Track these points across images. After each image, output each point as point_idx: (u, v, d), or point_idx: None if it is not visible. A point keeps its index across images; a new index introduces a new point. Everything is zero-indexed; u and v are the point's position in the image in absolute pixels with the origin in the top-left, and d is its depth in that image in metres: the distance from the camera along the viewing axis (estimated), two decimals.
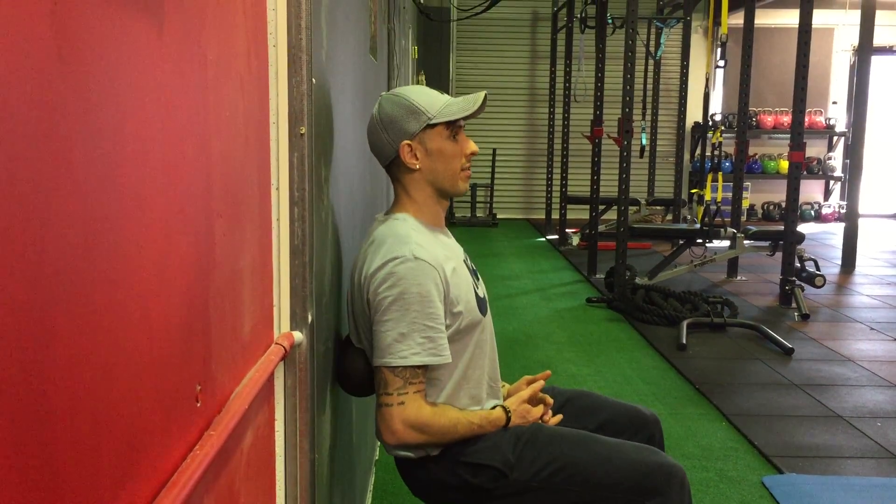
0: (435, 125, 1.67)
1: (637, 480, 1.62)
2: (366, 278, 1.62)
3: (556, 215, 9.07)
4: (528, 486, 1.62)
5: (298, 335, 1.29)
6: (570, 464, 1.62)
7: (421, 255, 1.60)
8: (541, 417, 1.74)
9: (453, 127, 1.69)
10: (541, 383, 1.79)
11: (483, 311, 1.73)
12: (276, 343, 1.22)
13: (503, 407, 1.71)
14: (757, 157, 10.53)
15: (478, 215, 10.09)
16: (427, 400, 1.62)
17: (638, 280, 5.63)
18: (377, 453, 2.91)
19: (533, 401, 1.76)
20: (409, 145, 1.68)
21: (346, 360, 1.75)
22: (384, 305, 1.58)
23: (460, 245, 1.84)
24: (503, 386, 1.88)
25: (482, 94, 1.70)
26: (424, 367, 1.60)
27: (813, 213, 10.62)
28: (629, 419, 1.84)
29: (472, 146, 1.74)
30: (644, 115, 8.89)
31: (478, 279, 1.80)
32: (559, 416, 1.78)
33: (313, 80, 1.31)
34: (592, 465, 1.63)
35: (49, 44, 0.57)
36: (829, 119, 10.68)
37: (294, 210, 1.27)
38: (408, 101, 1.68)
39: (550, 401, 1.80)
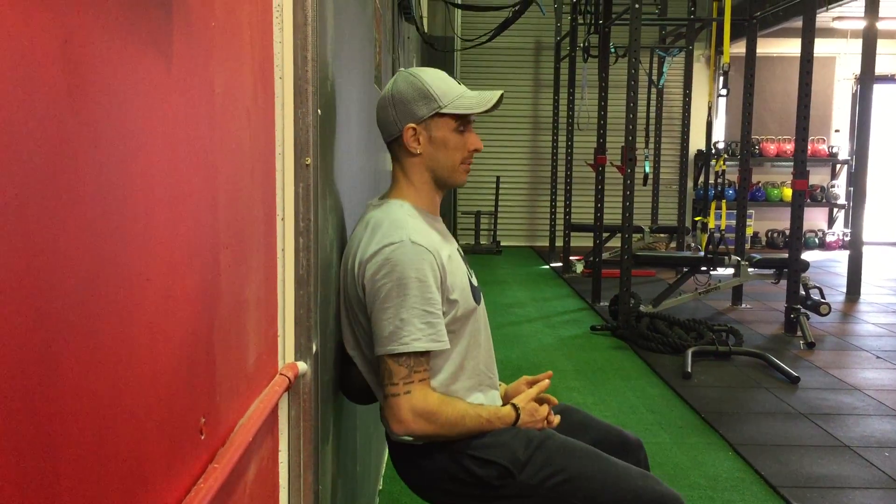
0: (444, 115, 1.66)
1: None
2: (360, 264, 1.59)
3: (559, 243, 9.07)
4: (534, 490, 1.60)
5: (303, 365, 1.28)
6: (578, 477, 1.60)
7: (418, 239, 1.58)
8: (546, 417, 1.72)
9: (462, 120, 1.68)
10: (546, 383, 1.77)
11: (477, 300, 1.72)
12: (281, 374, 1.22)
13: (513, 404, 1.69)
14: (760, 184, 10.55)
15: (481, 243, 10.10)
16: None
17: (642, 308, 5.62)
18: (380, 483, 2.89)
19: (538, 401, 1.74)
20: (414, 129, 1.67)
21: (347, 373, 1.73)
22: (383, 293, 1.55)
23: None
24: (500, 385, 1.85)
25: (498, 93, 1.68)
26: (427, 355, 1.58)
27: (817, 240, 10.61)
28: (617, 441, 1.82)
29: (477, 142, 1.71)
30: (647, 142, 8.93)
31: (470, 270, 1.78)
32: (559, 417, 1.76)
33: (319, 111, 1.32)
34: (600, 483, 1.61)
35: (58, 77, 0.58)
36: (832, 147, 10.71)
37: (299, 240, 1.27)
38: (423, 85, 1.66)
39: (555, 401, 1.79)
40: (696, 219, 7.77)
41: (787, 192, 10.12)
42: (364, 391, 1.73)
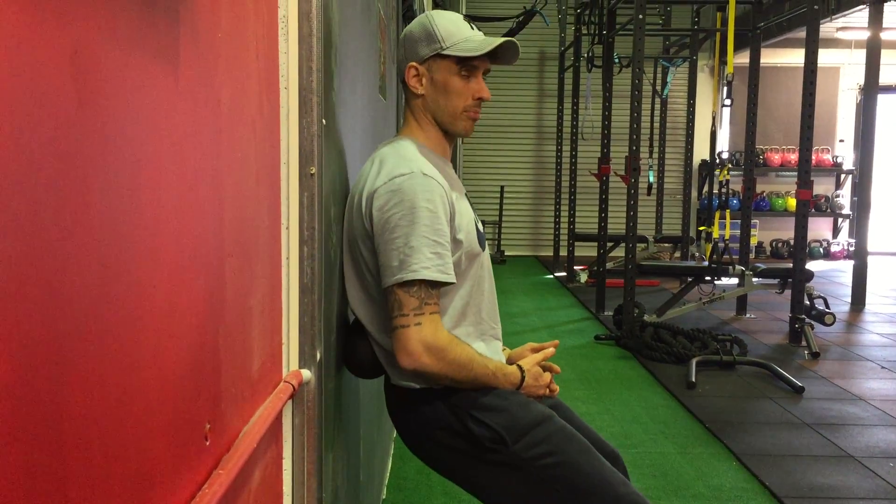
0: (446, 56, 1.63)
1: None
2: (368, 196, 1.57)
3: (563, 252, 9.08)
4: (522, 464, 1.58)
5: (307, 373, 1.29)
6: (569, 464, 1.59)
7: (428, 171, 1.57)
8: (549, 385, 1.71)
9: (466, 65, 1.64)
10: (551, 350, 1.76)
11: (482, 246, 1.70)
12: (285, 381, 1.23)
13: (518, 365, 1.67)
14: (764, 194, 10.55)
15: None
16: None
17: (646, 317, 5.61)
18: (384, 492, 2.89)
19: (542, 367, 1.73)
20: (416, 68, 1.66)
21: (352, 345, 1.71)
22: (392, 222, 1.53)
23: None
24: (504, 349, 1.83)
25: (498, 38, 1.64)
26: (437, 288, 1.55)
27: (822, 250, 10.60)
28: (598, 448, 1.80)
29: (482, 91, 1.67)
30: (651, 152, 8.94)
31: (477, 216, 1.76)
32: (558, 387, 1.75)
33: (323, 120, 1.33)
34: (586, 477, 1.59)
35: (68, 89, 0.59)
36: (837, 157, 10.71)
37: (304, 249, 1.28)
38: (431, 24, 1.64)
39: (558, 369, 1.77)
40: (701, 228, 7.77)
41: (792, 202, 10.11)
42: (370, 363, 1.70)
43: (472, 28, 1.67)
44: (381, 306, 1.63)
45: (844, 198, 10.81)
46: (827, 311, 5.69)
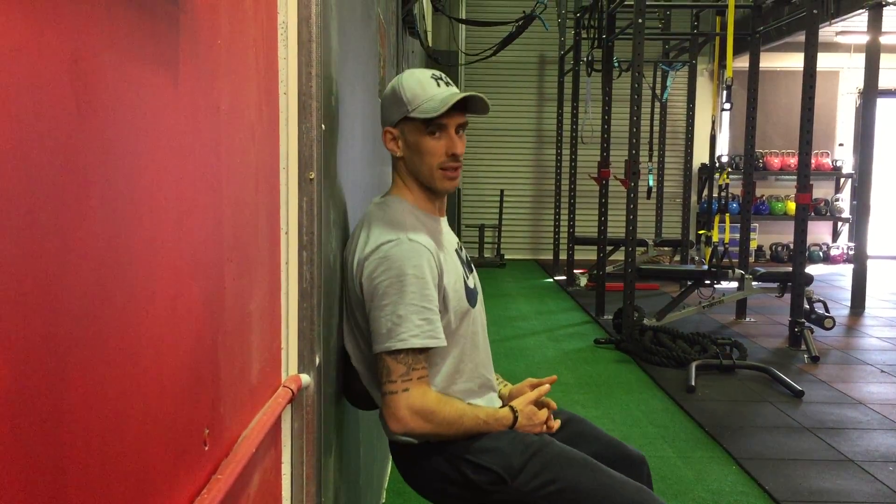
0: (414, 119, 1.64)
1: None
2: (359, 262, 1.61)
3: (563, 256, 9.08)
4: (526, 498, 1.60)
5: (306, 378, 1.29)
6: (571, 488, 1.60)
7: (415, 237, 1.59)
8: (545, 422, 1.72)
9: (434, 124, 1.63)
10: (547, 387, 1.77)
11: (472, 302, 1.71)
12: (284, 386, 1.23)
13: (511, 407, 1.68)
14: (764, 198, 10.55)
15: (486, 256, 10.11)
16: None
17: (646, 321, 5.61)
18: (383, 497, 2.89)
19: (538, 404, 1.74)
20: (391, 132, 1.69)
21: (350, 377, 1.74)
22: (381, 290, 1.56)
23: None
24: (505, 385, 1.85)
25: (457, 95, 1.62)
26: (425, 353, 1.58)
27: (821, 254, 10.60)
28: (619, 456, 1.80)
29: (454, 146, 1.65)
30: (651, 156, 8.95)
31: (470, 270, 1.77)
32: (558, 422, 1.76)
33: (322, 126, 1.33)
34: (592, 495, 1.59)
35: (68, 94, 0.59)
36: (836, 161, 10.72)
37: (303, 254, 1.29)
38: (399, 88, 1.66)
39: (554, 405, 1.78)
40: (700, 232, 7.77)
41: (791, 206, 10.11)
42: (368, 395, 1.73)
43: (439, 84, 1.66)
44: (374, 364, 1.66)
45: (844, 201, 10.82)
46: (827, 314, 5.69)
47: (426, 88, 1.64)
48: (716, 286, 5.91)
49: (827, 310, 5.77)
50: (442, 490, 1.67)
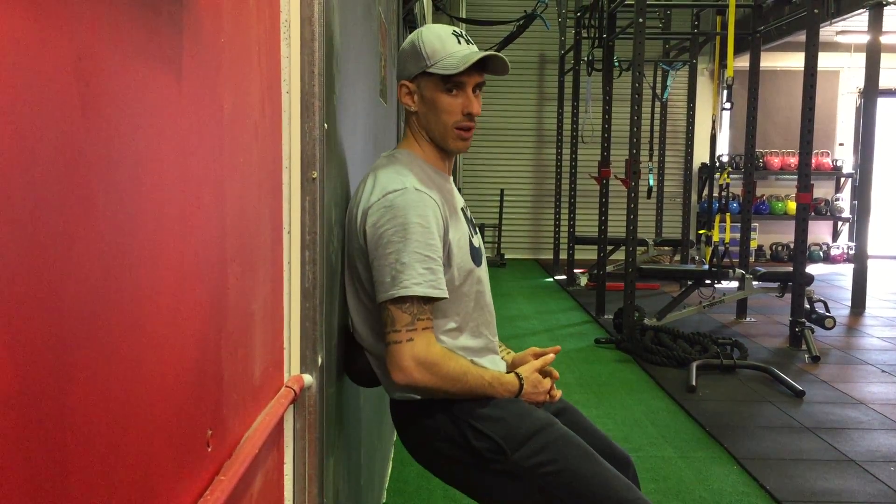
0: (432, 74, 1.63)
1: None
2: (363, 212, 1.59)
3: (563, 255, 9.08)
4: (523, 473, 1.58)
5: (308, 378, 1.29)
6: (569, 471, 1.58)
7: (421, 187, 1.58)
8: (549, 391, 1.71)
9: (453, 81, 1.62)
10: (551, 356, 1.75)
11: (477, 262, 1.70)
12: (287, 386, 1.22)
13: (516, 373, 1.67)
14: (764, 197, 10.55)
15: (486, 255, 10.10)
16: None
17: (647, 321, 5.61)
18: (384, 496, 2.89)
19: (542, 373, 1.73)
20: (407, 86, 1.67)
21: (353, 354, 1.72)
22: (385, 238, 1.54)
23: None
24: (508, 352, 1.84)
25: (477, 53, 1.61)
26: (430, 303, 1.56)
27: (822, 254, 10.60)
28: (606, 453, 1.77)
29: (471, 105, 1.65)
30: (651, 156, 8.95)
31: (475, 230, 1.76)
32: (560, 392, 1.75)
33: (325, 125, 1.33)
34: (588, 484, 1.58)
35: (72, 93, 0.59)
36: (836, 160, 10.72)
37: (305, 253, 1.28)
38: (418, 42, 1.64)
39: (557, 375, 1.77)
40: (700, 232, 7.77)
41: (792, 206, 10.11)
42: (370, 373, 1.71)
43: (460, 42, 1.64)
44: (376, 320, 1.64)
45: (844, 201, 10.82)
46: (827, 314, 5.69)
47: (446, 45, 1.63)
48: (716, 286, 5.91)
49: (827, 309, 5.77)
50: (439, 450, 1.64)
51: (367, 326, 1.68)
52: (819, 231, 10.74)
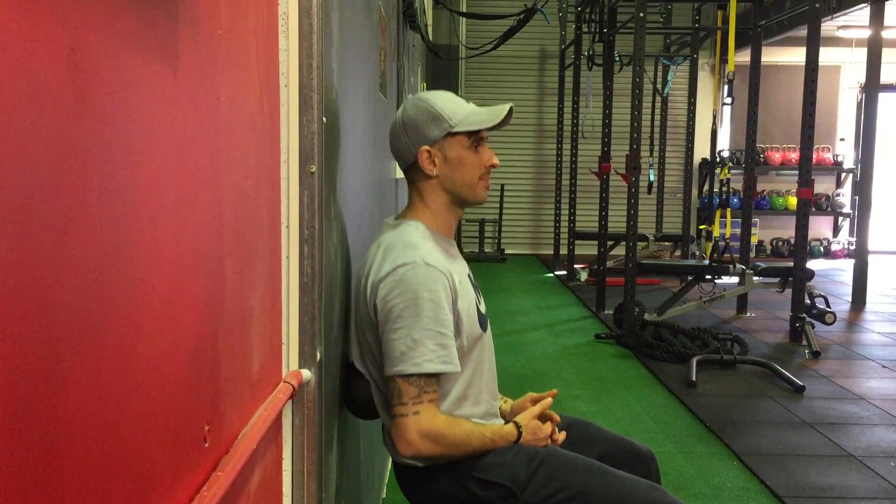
0: (456, 134, 1.67)
1: None
2: (373, 284, 1.60)
3: (564, 251, 9.07)
4: None
5: (307, 373, 1.28)
6: (581, 493, 1.59)
7: (431, 261, 1.59)
8: (550, 435, 1.71)
9: (475, 137, 1.69)
10: (549, 401, 1.76)
11: (483, 327, 1.72)
12: (285, 381, 1.22)
13: (515, 423, 1.68)
14: (765, 193, 10.54)
15: (486, 251, 10.10)
16: None
17: (647, 316, 5.61)
18: (384, 492, 2.89)
19: (542, 418, 1.73)
20: (429, 151, 1.68)
21: (352, 387, 1.73)
22: (395, 313, 1.55)
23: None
24: (505, 401, 1.85)
25: (507, 106, 1.68)
26: (437, 377, 1.57)
27: (822, 249, 10.59)
28: (626, 453, 1.80)
29: (492, 158, 1.73)
30: (652, 151, 8.93)
31: (480, 296, 1.78)
32: (563, 434, 1.75)
33: (324, 118, 1.32)
34: (604, 498, 1.60)
35: (66, 85, 0.58)
36: (837, 156, 10.70)
37: (304, 248, 1.27)
38: (432, 107, 1.67)
39: (557, 418, 1.78)
40: (701, 227, 7.77)
41: (792, 201, 10.11)
42: (369, 406, 1.73)
43: (467, 101, 1.73)
44: (383, 391, 1.65)
45: (845, 196, 10.81)
46: (828, 310, 5.69)
47: (458, 104, 1.70)
48: (716, 281, 5.91)
49: (828, 305, 5.77)
50: None
51: (373, 388, 1.69)
52: (820, 226, 10.73)
